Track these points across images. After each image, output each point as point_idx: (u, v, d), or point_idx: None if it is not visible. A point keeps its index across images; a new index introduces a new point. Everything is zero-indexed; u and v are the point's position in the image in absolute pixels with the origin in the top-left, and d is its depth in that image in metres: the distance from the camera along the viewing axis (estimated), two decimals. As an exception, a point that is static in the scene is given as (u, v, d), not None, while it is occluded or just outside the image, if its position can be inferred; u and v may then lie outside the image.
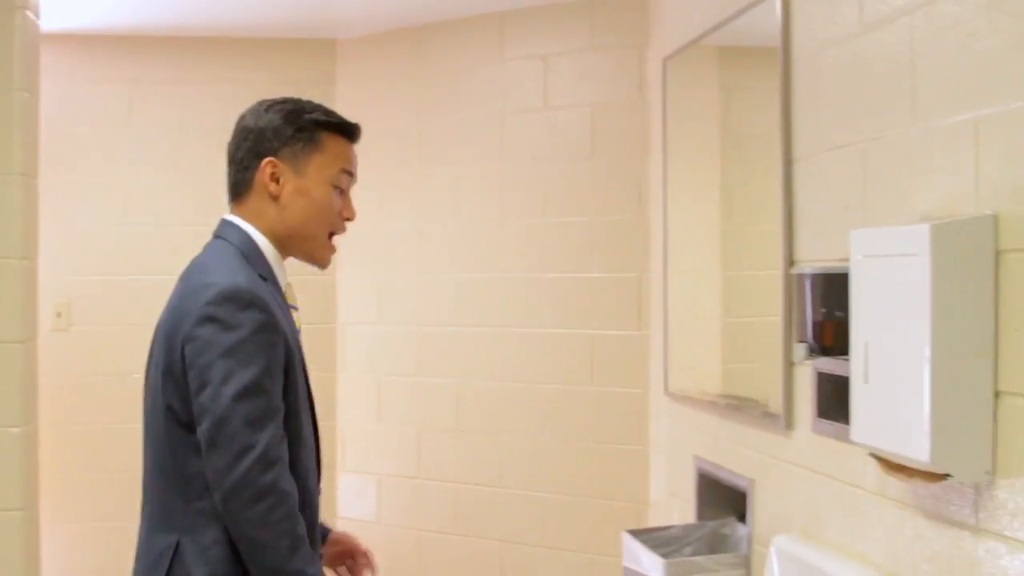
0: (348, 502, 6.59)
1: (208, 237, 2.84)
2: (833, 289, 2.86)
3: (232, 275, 2.60)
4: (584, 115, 5.45)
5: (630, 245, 5.28)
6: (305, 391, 2.75)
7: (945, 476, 2.34)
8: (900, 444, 2.40)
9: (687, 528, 3.91)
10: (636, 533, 3.90)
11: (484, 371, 5.84)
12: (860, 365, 2.56)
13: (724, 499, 3.95)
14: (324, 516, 6.58)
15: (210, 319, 2.53)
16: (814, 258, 3.17)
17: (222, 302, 2.54)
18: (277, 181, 2.77)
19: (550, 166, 5.54)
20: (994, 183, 2.28)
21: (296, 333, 2.74)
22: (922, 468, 2.36)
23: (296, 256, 2.85)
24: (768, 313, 3.44)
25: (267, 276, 2.71)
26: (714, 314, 4.14)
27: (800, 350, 3.01)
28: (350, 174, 2.84)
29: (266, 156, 2.78)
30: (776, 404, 3.39)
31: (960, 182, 2.38)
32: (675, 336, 4.55)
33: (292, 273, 2.89)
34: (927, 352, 2.27)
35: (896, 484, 2.64)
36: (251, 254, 2.73)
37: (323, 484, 2.89)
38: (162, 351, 2.64)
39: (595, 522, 5.33)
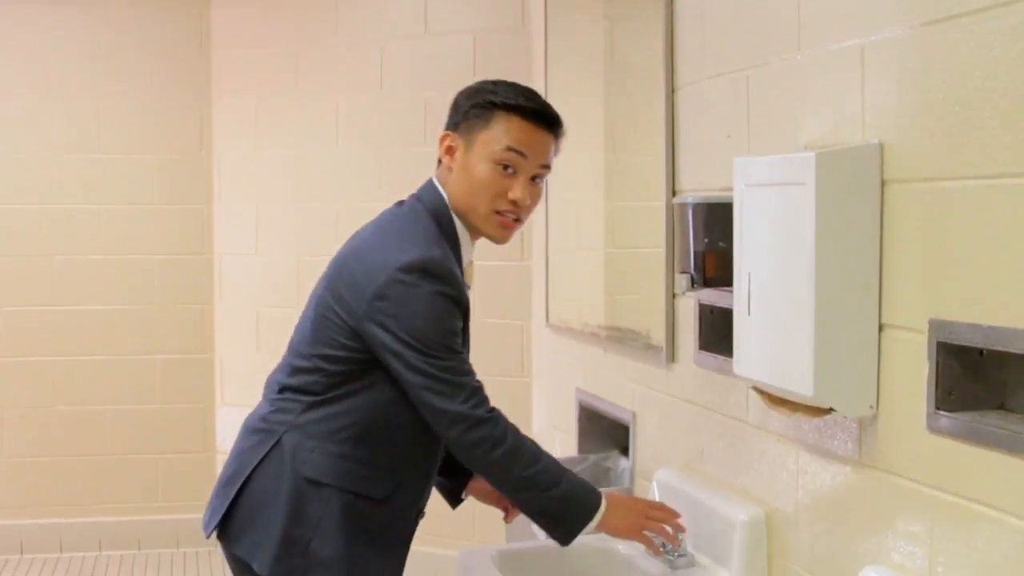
0: (227, 435, 6.49)
1: (85, 165, 2.79)
2: (716, 219, 2.81)
3: (427, 249, 2.72)
4: (466, 41, 5.36)
5: (512, 174, 5.19)
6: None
7: (829, 410, 2.32)
8: (783, 378, 2.37)
9: (569, 461, 3.87)
10: (518, 467, 3.86)
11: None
12: (743, 297, 2.52)
13: (606, 432, 3.92)
14: (202, 449, 6.52)
15: (410, 284, 2.68)
16: (697, 188, 3.13)
17: (417, 270, 2.68)
18: (452, 155, 2.83)
19: (431, 92, 5.43)
20: (880, 111, 2.23)
21: (469, 305, 2.81)
22: (805, 402, 2.34)
23: (473, 229, 2.87)
24: (651, 244, 3.40)
25: (451, 247, 2.80)
26: (597, 245, 4.09)
27: (682, 281, 2.96)
28: (520, 154, 2.76)
29: (447, 130, 2.86)
30: (658, 336, 3.36)
31: (846, 110, 2.34)
32: (557, 267, 4.51)
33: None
34: (811, 284, 2.23)
35: (779, 418, 2.61)
36: (443, 221, 2.83)
37: (200, 418, 2.83)
38: (333, 282, 2.89)
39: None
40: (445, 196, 2.83)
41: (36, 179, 6.40)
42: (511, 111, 2.77)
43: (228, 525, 2.88)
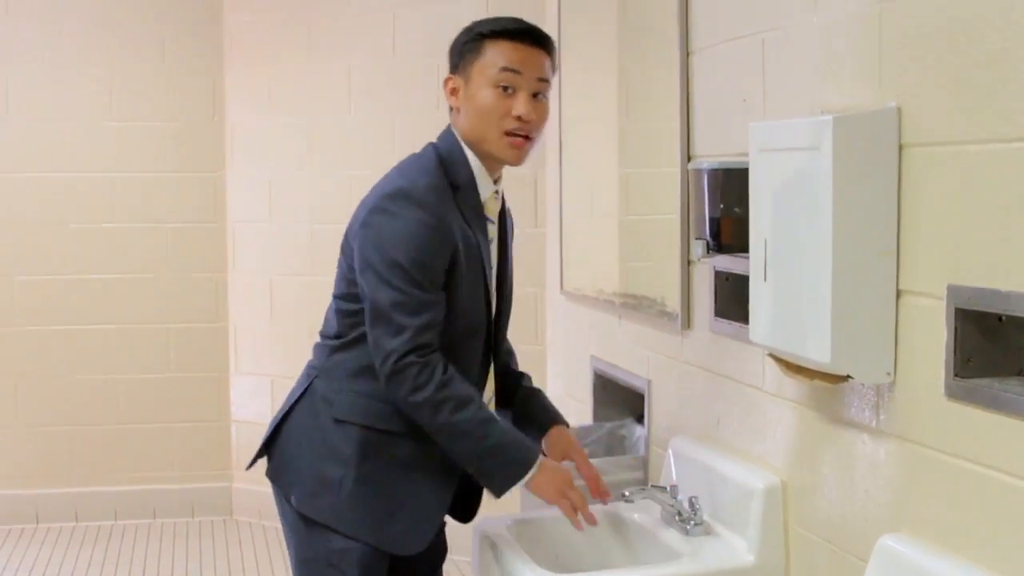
0: (242, 404, 6.50)
1: (98, 133, 2.86)
2: (732, 185, 2.79)
3: (413, 180, 2.85)
4: (479, 4, 5.31)
5: (527, 141, 5.17)
6: (480, 296, 2.93)
7: (846, 378, 2.30)
8: (800, 345, 2.35)
9: (584, 429, 3.87)
10: (532, 435, 3.85)
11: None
12: (759, 263, 2.50)
13: (621, 400, 3.91)
14: (217, 417, 6.53)
15: (382, 210, 2.81)
16: (712, 153, 3.11)
17: (394, 198, 2.82)
18: (456, 95, 2.94)
19: (444, 59, 5.40)
20: (898, 75, 2.21)
21: (480, 242, 2.90)
22: (823, 369, 2.32)
23: (489, 159, 2.94)
24: (666, 211, 3.38)
25: (462, 184, 2.90)
26: (611, 212, 4.07)
27: (698, 247, 2.95)
28: (515, 72, 2.86)
29: (449, 75, 2.98)
30: (673, 303, 3.34)
31: (863, 74, 2.31)
32: (571, 234, 4.49)
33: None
34: (828, 250, 2.21)
35: (795, 386, 2.60)
36: (455, 160, 2.92)
37: (215, 387, 2.90)
38: (347, 229, 2.96)
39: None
40: (458, 134, 2.93)
41: (49, 148, 6.39)
42: (499, 36, 2.88)
43: (272, 463, 3.04)
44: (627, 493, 2.98)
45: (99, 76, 6.40)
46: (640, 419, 3.71)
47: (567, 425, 3.15)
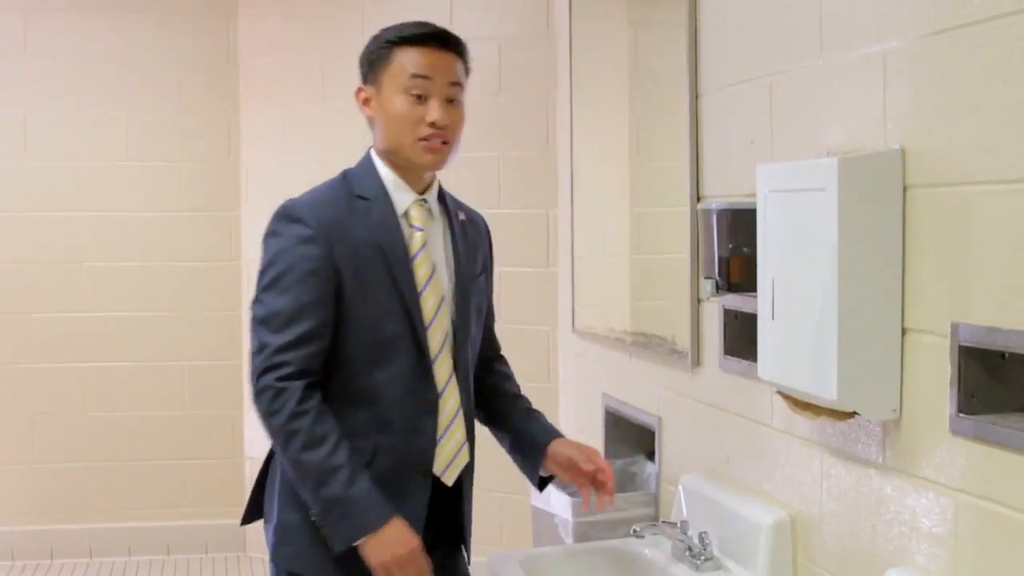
0: (255, 441, 6.52)
1: (114, 172, 2.91)
2: (740, 225, 2.82)
3: (302, 196, 2.88)
4: (491, 48, 5.37)
5: (538, 181, 5.22)
6: (394, 308, 2.83)
7: (852, 414, 2.32)
8: (807, 382, 2.38)
9: (595, 466, 3.89)
10: (544, 472, 3.87)
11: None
12: (767, 302, 2.53)
13: (632, 437, 3.94)
14: (230, 455, 6.55)
15: (269, 232, 2.82)
16: (721, 193, 3.14)
17: (278, 217, 2.82)
18: (369, 104, 2.91)
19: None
20: (902, 117, 2.24)
21: (392, 253, 2.83)
22: (829, 406, 2.35)
23: (407, 168, 2.90)
24: (676, 250, 3.41)
25: (371, 195, 2.86)
26: (622, 251, 4.11)
27: (707, 286, 2.98)
28: (424, 77, 2.82)
29: (359, 85, 2.94)
30: (683, 341, 3.37)
31: (868, 116, 2.35)
32: (582, 273, 4.52)
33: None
34: (834, 289, 2.25)
35: (803, 422, 2.63)
36: (362, 176, 2.91)
37: (229, 425, 2.88)
38: None
39: (504, 461, 5.31)
40: (372, 150, 2.93)
41: (66, 186, 6.45)
42: (406, 43, 2.84)
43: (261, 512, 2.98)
44: (638, 529, 2.99)
45: (116, 116, 6.47)
46: (651, 456, 3.73)
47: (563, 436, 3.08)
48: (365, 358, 2.80)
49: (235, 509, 6.47)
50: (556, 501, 3.63)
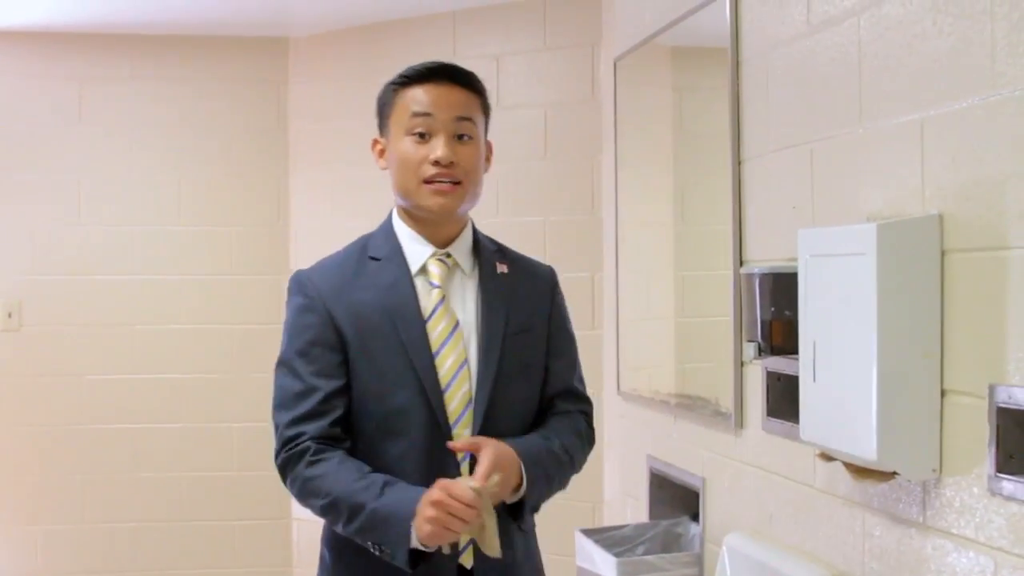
0: (302, 503, 6.56)
1: (165, 236, 2.97)
2: (782, 288, 2.86)
3: (316, 264, 2.86)
4: (537, 115, 5.45)
5: (584, 244, 5.28)
6: (405, 377, 2.68)
7: (893, 474, 2.35)
8: (848, 443, 2.41)
9: (640, 527, 3.91)
10: (589, 532, 3.90)
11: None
12: (808, 364, 2.57)
13: (677, 498, 3.95)
14: (278, 516, 6.55)
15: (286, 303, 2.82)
16: (763, 258, 3.18)
17: (288, 287, 2.84)
18: (384, 156, 2.85)
19: (503, 166, 5.45)
20: (939, 183, 2.29)
21: (400, 316, 2.70)
22: (870, 467, 2.37)
23: (422, 220, 2.81)
24: (719, 313, 3.45)
25: (383, 256, 2.79)
26: (667, 314, 4.14)
27: (750, 349, 3.01)
28: (425, 115, 2.71)
29: (374, 138, 2.88)
30: (727, 403, 3.40)
31: (906, 182, 2.40)
32: (627, 336, 4.56)
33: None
34: (874, 351, 2.28)
35: (845, 483, 2.65)
36: (378, 236, 2.86)
37: (277, 486, 2.87)
38: None
39: (549, 521, 5.31)
40: (394, 207, 2.87)
41: (119, 250, 6.54)
42: (406, 84, 2.76)
43: None
44: (682, 589, 3.02)
45: (167, 181, 6.56)
46: (695, 517, 3.75)
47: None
48: (375, 431, 2.69)
49: (282, 569, 6.60)
50: (601, 561, 3.66)
